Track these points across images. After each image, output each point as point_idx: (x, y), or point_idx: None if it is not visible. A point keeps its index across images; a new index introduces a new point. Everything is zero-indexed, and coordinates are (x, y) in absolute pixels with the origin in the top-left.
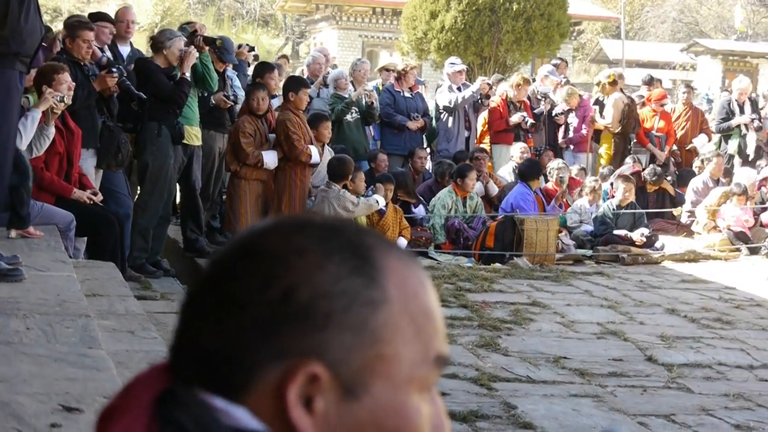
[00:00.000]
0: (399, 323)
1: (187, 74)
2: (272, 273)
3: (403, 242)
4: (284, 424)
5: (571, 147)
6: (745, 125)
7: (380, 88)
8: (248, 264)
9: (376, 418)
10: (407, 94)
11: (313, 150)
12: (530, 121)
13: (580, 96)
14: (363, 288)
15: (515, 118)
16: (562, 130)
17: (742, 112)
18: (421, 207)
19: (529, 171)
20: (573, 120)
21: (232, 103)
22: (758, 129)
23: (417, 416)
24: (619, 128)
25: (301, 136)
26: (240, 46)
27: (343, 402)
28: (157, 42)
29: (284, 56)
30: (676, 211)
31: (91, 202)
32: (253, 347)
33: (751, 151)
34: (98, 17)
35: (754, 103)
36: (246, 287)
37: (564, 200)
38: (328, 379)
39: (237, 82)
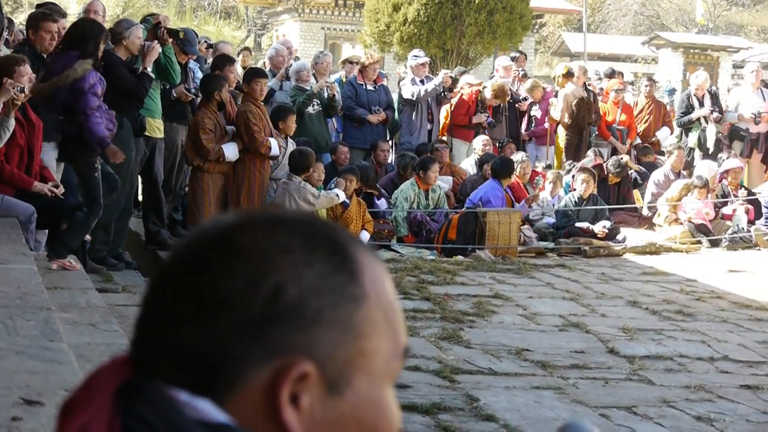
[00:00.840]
0: (376, 318)
1: (149, 68)
2: (260, 271)
3: (365, 236)
4: (271, 422)
5: (534, 140)
6: (705, 118)
7: (343, 80)
8: (232, 261)
9: (357, 413)
10: (370, 87)
11: (273, 142)
12: (492, 121)
13: (543, 89)
14: (347, 284)
15: (479, 119)
16: (525, 122)
17: (701, 105)
18: (383, 200)
19: (502, 169)
20: (536, 112)
21: (194, 96)
22: (717, 121)
23: (391, 409)
24: (570, 121)
25: (261, 128)
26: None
27: (328, 398)
28: (116, 33)
29: (246, 48)
30: (638, 201)
31: (53, 195)
32: (243, 346)
33: (711, 144)
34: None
35: (714, 96)
36: (234, 285)
37: (535, 202)
38: (316, 376)
39: (199, 75)
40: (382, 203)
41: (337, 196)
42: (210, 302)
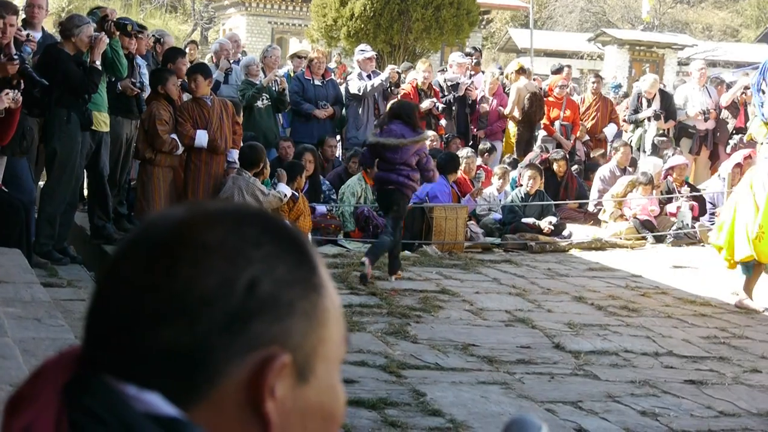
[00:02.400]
0: (330, 306)
1: (98, 62)
2: (234, 266)
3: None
4: (250, 415)
5: (487, 136)
6: (648, 119)
7: (291, 75)
8: (206, 257)
9: (320, 399)
10: (317, 82)
11: (201, 134)
12: (440, 106)
13: (500, 84)
14: (310, 275)
15: (425, 105)
16: (476, 117)
17: (649, 106)
18: (323, 206)
19: (448, 164)
20: (486, 107)
21: (139, 90)
22: (657, 118)
23: (342, 394)
24: (522, 116)
25: (185, 121)
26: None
27: (297, 386)
28: (66, 29)
29: (193, 42)
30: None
31: None
32: (224, 342)
33: (647, 145)
34: None
35: (663, 94)
36: (211, 282)
37: (479, 195)
38: (290, 365)
39: (145, 70)
40: (321, 209)
41: (285, 195)
42: (189, 301)
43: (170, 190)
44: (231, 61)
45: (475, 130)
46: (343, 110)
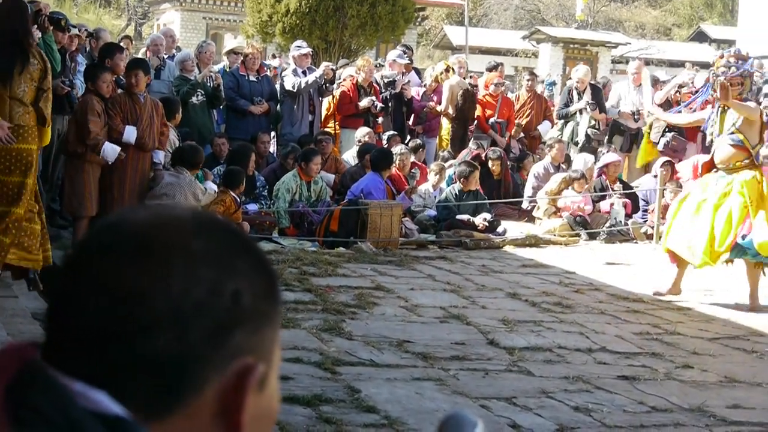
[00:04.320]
0: (274, 312)
1: None
2: (221, 276)
3: None
4: (222, 423)
5: (425, 132)
6: (580, 111)
7: (227, 71)
8: (195, 267)
9: (269, 404)
10: (252, 78)
11: (130, 130)
12: (379, 105)
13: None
14: (276, 285)
15: (365, 103)
16: (412, 114)
17: (580, 98)
18: (254, 204)
19: (381, 161)
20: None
21: (69, 89)
22: (594, 109)
23: (278, 393)
24: (455, 113)
25: (115, 115)
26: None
27: (257, 394)
28: None
29: (127, 37)
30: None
31: None
32: (209, 352)
33: (581, 137)
34: None
35: (595, 89)
36: (201, 292)
37: (414, 193)
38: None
39: (82, 68)
40: (253, 207)
41: (215, 191)
42: (184, 310)
43: (98, 187)
44: (165, 56)
45: (411, 125)
46: (278, 106)
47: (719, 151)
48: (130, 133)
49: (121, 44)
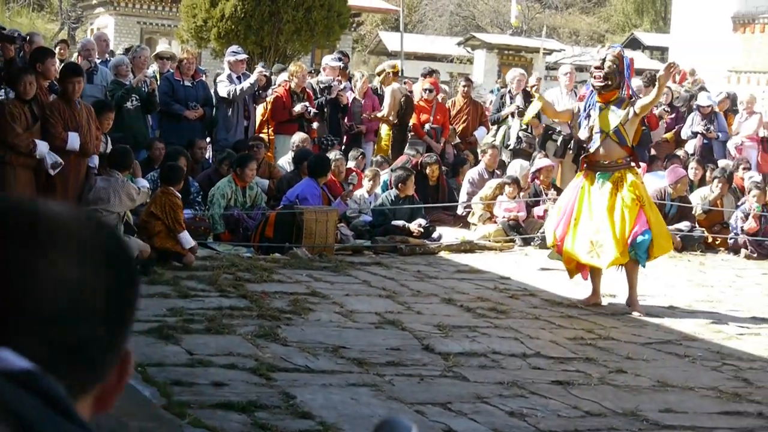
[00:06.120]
0: None
1: None
2: (134, 269)
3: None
4: (99, 405)
5: (363, 136)
6: (512, 115)
7: (158, 75)
8: (123, 257)
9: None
10: (187, 83)
11: (73, 137)
12: (312, 110)
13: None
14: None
15: (298, 108)
16: (346, 119)
17: (512, 102)
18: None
19: (318, 167)
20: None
21: None
22: (521, 114)
23: None
24: (396, 119)
25: (56, 123)
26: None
27: None
28: None
29: (63, 41)
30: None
31: None
32: (126, 336)
33: (512, 141)
34: None
35: (526, 94)
36: (134, 282)
37: (349, 197)
38: None
39: None
40: (187, 213)
41: (148, 188)
42: (123, 303)
43: (28, 191)
44: (98, 61)
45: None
46: (213, 111)
47: (604, 147)
48: (74, 140)
49: (57, 49)
